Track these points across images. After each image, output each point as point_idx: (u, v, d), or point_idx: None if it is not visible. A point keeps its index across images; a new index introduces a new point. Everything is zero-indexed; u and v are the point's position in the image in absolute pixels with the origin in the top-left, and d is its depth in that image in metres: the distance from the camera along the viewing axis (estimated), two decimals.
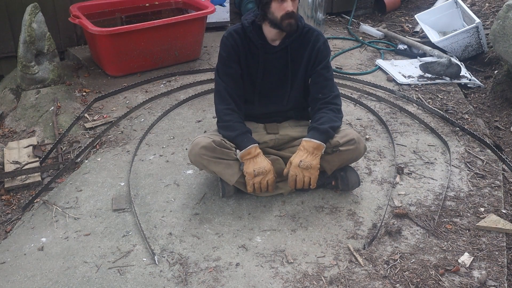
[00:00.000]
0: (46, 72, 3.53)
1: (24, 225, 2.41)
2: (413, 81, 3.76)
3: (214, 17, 4.55)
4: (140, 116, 3.32)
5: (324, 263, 2.13)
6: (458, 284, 2.04)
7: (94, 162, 2.85)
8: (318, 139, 2.32)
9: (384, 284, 2.03)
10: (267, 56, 2.43)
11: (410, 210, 2.44)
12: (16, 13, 3.82)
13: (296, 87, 2.51)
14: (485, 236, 2.30)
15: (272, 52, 2.43)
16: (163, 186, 2.62)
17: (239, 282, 2.04)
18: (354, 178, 2.48)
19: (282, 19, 2.27)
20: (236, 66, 2.44)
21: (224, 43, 2.43)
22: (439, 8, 4.53)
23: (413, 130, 3.15)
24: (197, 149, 2.34)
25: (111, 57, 3.75)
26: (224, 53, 2.43)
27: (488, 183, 2.65)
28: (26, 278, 2.08)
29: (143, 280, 2.05)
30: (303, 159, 2.31)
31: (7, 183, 2.75)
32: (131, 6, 4.24)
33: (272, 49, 2.42)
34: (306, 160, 2.31)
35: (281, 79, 2.49)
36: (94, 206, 2.49)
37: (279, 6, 2.26)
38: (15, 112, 3.41)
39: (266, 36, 2.40)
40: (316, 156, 2.32)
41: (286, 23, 2.28)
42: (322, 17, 4.70)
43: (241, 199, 2.50)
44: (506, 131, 3.32)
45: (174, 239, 2.26)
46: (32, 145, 3.03)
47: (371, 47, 4.48)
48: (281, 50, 2.42)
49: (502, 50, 3.45)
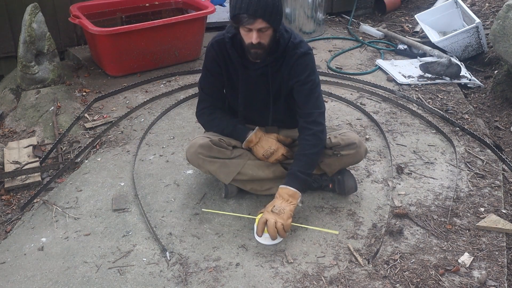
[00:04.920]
0: (46, 72, 3.53)
1: (24, 225, 2.41)
2: (413, 81, 3.76)
3: (214, 17, 4.55)
4: (140, 116, 3.32)
5: (324, 263, 2.13)
6: (458, 284, 2.04)
7: (94, 162, 2.85)
8: (294, 187, 2.23)
9: (384, 284, 2.03)
10: (248, 72, 2.33)
11: (410, 210, 2.44)
12: (16, 13, 3.82)
13: (279, 106, 2.43)
14: (485, 236, 2.30)
15: (252, 69, 2.31)
16: (163, 186, 2.62)
17: (239, 282, 2.04)
18: (351, 183, 2.47)
19: (248, 47, 2.19)
20: (217, 77, 2.39)
21: (206, 53, 2.38)
22: (439, 8, 4.53)
23: (413, 130, 3.15)
24: (194, 148, 2.35)
25: (111, 57, 3.75)
26: (207, 62, 2.39)
27: (488, 183, 2.65)
28: (26, 278, 2.08)
29: (143, 280, 2.05)
30: (276, 205, 2.20)
31: (7, 183, 2.75)
32: (131, 6, 4.24)
33: (253, 66, 2.30)
34: (280, 205, 2.19)
35: (263, 97, 2.40)
36: (94, 206, 2.49)
37: (246, 34, 2.15)
38: (15, 112, 3.41)
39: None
40: (291, 203, 2.21)
41: (252, 52, 2.19)
42: (322, 17, 4.70)
43: (241, 199, 2.50)
44: (506, 131, 3.32)
45: (174, 239, 2.26)
46: (32, 145, 3.03)
47: (371, 47, 4.48)
48: (262, 68, 2.30)
49: (502, 50, 3.45)
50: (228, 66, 2.35)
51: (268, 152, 2.40)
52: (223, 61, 2.34)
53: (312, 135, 2.30)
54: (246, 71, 2.33)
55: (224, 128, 2.43)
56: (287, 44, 2.27)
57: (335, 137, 2.40)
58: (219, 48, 2.32)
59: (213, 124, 2.47)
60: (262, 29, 2.12)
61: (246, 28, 2.13)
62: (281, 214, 2.16)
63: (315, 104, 2.33)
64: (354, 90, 3.66)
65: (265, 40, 2.16)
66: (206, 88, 2.45)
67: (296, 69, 2.29)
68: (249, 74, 2.34)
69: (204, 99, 2.48)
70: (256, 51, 2.18)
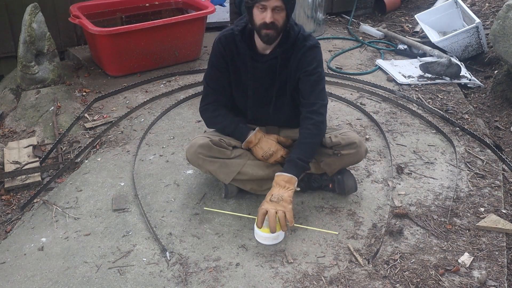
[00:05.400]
0: (46, 72, 3.53)
1: (24, 225, 2.41)
2: (413, 81, 3.76)
3: (214, 17, 4.55)
4: (140, 116, 3.32)
5: (324, 263, 2.13)
6: (458, 284, 2.04)
7: (94, 162, 2.85)
8: (290, 173, 2.22)
9: (384, 284, 2.03)
10: (256, 65, 2.35)
11: (410, 210, 2.44)
12: (16, 13, 3.82)
13: (284, 101, 2.44)
14: (485, 236, 2.30)
15: (261, 61, 2.34)
16: (163, 186, 2.62)
17: (239, 282, 2.04)
18: (350, 183, 2.47)
19: (260, 28, 2.20)
20: (223, 72, 2.39)
21: (213, 47, 2.39)
22: (439, 8, 4.53)
23: (413, 130, 3.15)
24: (194, 148, 2.35)
25: (111, 57, 3.75)
26: (213, 57, 2.40)
27: (488, 183, 2.65)
28: (26, 278, 2.08)
29: (143, 280, 2.05)
30: (274, 193, 2.18)
31: (7, 183, 2.75)
32: (131, 6, 4.23)
33: (262, 58, 2.33)
34: (278, 193, 2.18)
35: (270, 89, 2.41)
36: (94, 206, 2.49)
37: (259, 14, 2.18)
38: (15, 112, 3.41)
39: (257, 44, 2.32)
40: (288, 189, 2.19)
41: (264, 33, 2.21)
42: (322, 17, 4.70)
43: (241, 199, 2.50)
44: (506, 131, 3.32)
45: (174, 239, 2.26)
46: (32, 145, 3.03)
47: (371, 47, 4.48)
48: (271, 60, 2.33)
49: (502, 50, 3.45)
50: (236, 61, 2.36)
51: (267, 153, 2.40)
52: (231, 55, 2.35)
53: (313, 125, 2.32)
54: (255, 64, 2.35)
55: (226, 126, 2.43)
56: (297, 36, 2.31)
57: (336, 137, 2.40)
58: (226, 42, 2.34)
59: (215, 121, 2.47)
60: (276, 8, 2.15)
61: (260, 6, 2.15)
62: (280, 202, 2.15)
63: (319, 95, 2.36)
64: (354, 90, 3.66)
65: (278, 22, 2.19)
66: (211, 84, 2.45)
67: (304, 61, 2.32)
68: (257, 67, 2.35)
69: (208, 94, 2.47)
70: (268, 32, 2.20)
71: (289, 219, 2.13)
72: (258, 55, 2.34)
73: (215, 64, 2.40)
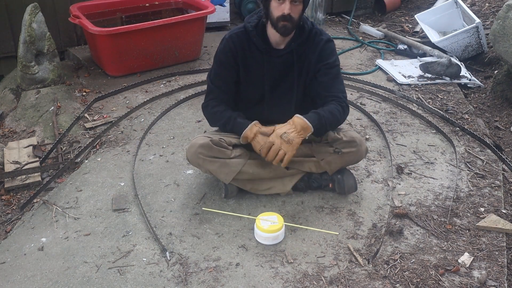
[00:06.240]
0: (46, 72, 3.53)
1: (24, 225, 2.41)
2: (413, 81, 3.76)
3: (214, 17, 4.56)
4: (140, 116, 3.32)
5: (324, 263, 2.13)
6: (458, 284, 2.04)
7: (94, 162, 2.85)
8: (310, 122, 2.26)
9: (384, 284, 2.03)
10: (272, 60, 2.38)
11: (410, 210, 2.44)
12: (16, 13, 3.82)
13: (303, 92, 2.46)
14: (485, 236, 2.30)
15: (277, 56, 2.37)
16: (163, 186, 2.62)
17: (239, 282, 2.04)
18: (350, 182, 2.47)
19: (277, 20, 2.23)
20: (230, 70, 2.40)
21: (223, 45, 2.40)
22: (439, 8, 4.53)
23: (413, 130, 3.15)
24: (194, 148, 2.35)
25: (111, 57, 3.75)
26: (221, 55, 2.40)
27: (488, 183, 2.65)
28: (26, 278, 2.08)
29: (143, 280, 2.05)
30: (288, 132, 2.24)
31: (7, 183, 2.75)
32: (131, 6, 4.24)
33: (277, 53, 2.37)
34: (291, 134, 2.24)
35: (288, 84, 2.43)
36: (94, 206, 2.49)
37: (278, 6, 2.22)
38: (15, 112, 3.41)
39: (270, 40, 2.35)
40: (301, 135, 2.25)
41: (281, 25, 2.24)
42: (322, 17, 4.71)
43: (241, 199, 2.50)
44: (506, 131, 3.33)
45: (174, 239, 2.26)
46: (32, 145, 3.03)
47: (371, 47, 4.48)
48: (286, 54, 2.37)
49: (502, 50, 3.45)
50: (247, 58, 2.38)
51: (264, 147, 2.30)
52: (242, 53, 2.37)
53: (339, 104, 2.35)
54: (270, 59, 2.37)
55: (226, 122, 2.41)
56: (311, 30, 2.37)
57: (337, 133, 2.40)
58: (238, 40, 2.36)
59: (216, 118, 2.46)
60: (294, 1, 2.20)
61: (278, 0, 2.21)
62: (289, 145, 2.22)
63: (340, 88, 2.42)
64: (354, 90, 3.66)
65: (295, 14, 2.23)
66: (215, 81, 2.45)
67: (323, 54, 2.38)
68: (273, 61, 2.38)
69: (211, 91, 2.47)
70: (285, 24, 2.23)
71: (285, 162, 2.26)
72: (273, 50, 2.37)
73: (223, 61, 2.40)
